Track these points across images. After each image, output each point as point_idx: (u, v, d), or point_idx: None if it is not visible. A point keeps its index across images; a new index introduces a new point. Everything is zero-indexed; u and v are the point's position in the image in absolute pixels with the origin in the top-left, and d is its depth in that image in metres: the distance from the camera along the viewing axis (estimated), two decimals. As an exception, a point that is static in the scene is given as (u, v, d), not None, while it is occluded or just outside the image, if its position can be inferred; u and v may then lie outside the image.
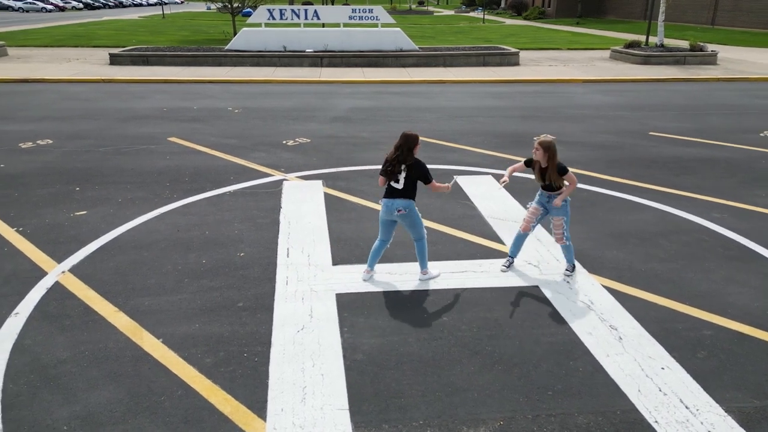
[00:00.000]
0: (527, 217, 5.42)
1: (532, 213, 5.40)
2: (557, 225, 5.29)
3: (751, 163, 9.13)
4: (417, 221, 5.17)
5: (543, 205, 5.34)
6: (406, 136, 4.91)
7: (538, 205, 5.37)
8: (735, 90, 16.33)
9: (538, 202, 5.37)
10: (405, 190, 5.00)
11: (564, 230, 5.28)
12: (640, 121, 12.09)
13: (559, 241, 5.37)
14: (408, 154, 4.90)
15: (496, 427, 3.57)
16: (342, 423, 3.60)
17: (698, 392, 3.87)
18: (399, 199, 5.02)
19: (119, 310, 4.86)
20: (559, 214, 5.26)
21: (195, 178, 8.27)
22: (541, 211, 5.37)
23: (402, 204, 5.03)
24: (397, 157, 4.90)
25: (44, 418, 3.63)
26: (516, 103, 14.26)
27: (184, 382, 3.99)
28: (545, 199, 5.30)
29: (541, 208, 5.36)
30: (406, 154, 4.89)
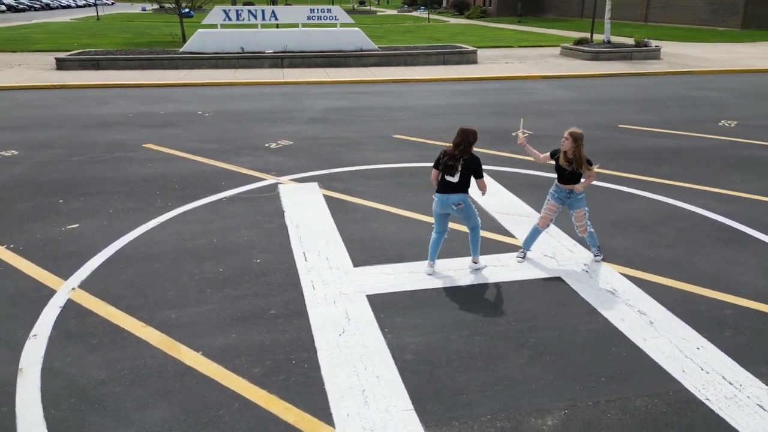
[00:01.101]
0: (545, 214, 5.57)
1: (549, 210, 5.55)
2: (579, 217, 5.46)
3: (719, 151, 9.69)
4: (472, 213, 5.32)
5: (561, 200, 5.49)
6: (465, 132, 5.06)
7: (556, 202, 5.52)
8: (682, 83, 17.24)
9: (556, 199, 5.52)
10: (460, 184, 5.12)
11: (585, 221, 5.47)
12: (606, 115, 12.60)
13: (582, 233, 5.55)
14: (468, 149, 5.06)
15: (562, 415, 3.67)
16: (411, 423, 3.60)
17: (736, 368, 4.09)
18: (455, 193, 5.15)
19: (146, 325, 4.66)
20: (579, 207, 5.44)
21: (185, 185, 8.01)
22: (559, 207, 5.53)
23: (459, 198, 5.15)
24: (460, 152, 5.03)
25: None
26: (484, 100, 14.55)
27: (237, 394, 3.88)
28: (564, 194, 5.46)
29: (559, 205, 5.51)
30: (467, 150, 5.05)
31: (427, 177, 8.23)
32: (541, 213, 5.63)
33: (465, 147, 5.05)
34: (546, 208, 5.58)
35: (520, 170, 8.64)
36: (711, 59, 21.64)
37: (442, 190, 5.21)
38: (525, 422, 3.60)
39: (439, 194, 5.23)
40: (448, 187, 5.16)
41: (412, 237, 6.30)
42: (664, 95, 15.12)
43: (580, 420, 3.62)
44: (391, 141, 10.42)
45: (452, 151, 5.08)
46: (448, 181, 5.14)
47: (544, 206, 5.62)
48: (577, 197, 5.44)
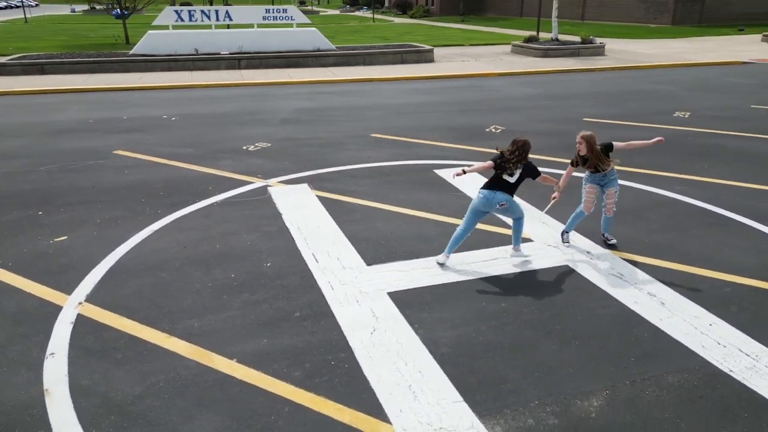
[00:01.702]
0: (587, 198, 5.88)
1: (589, 193, 5.87)
2: (611, 194, 5.82)
3: (681, 140, 10.25)
4: (516, 207, 5.58)
5: (596, 182, 5.82)
6: (522, 144, 5.34)
7: (593, 184, 5.84)
8: (630, 77, 18.08)
9: (591, 182, 5.85)
10: (513, 185, 5.41)
11: (615, 200, 5.85)
12: (570, 109, 13.07)
13: (608, 212, 5.91)
14: (524, 156, 5.35)
15: (604, 396, 3.83)
16: (465, 414, 3.67)
17: (749, 341, 4.38)
18: (501, 193, 5.37)
19: (170, 336, 4.51)
20: (613, 186, 5.79)
21: (170, 191, 7.76)
22: (597, 190, 5.84)
23: (504, 198, 5.39)
24: (516, 157, 5.30)
25: (156, 457, 3.34)
26: (450, 97, 14.78)
27: (284, 398, 3.83)
28: (598, 177, 5.78)
29: (596, 187, 5.84)
30: (524, 156, 5.34)
31: (413, 174, 8.40)
32: (583, 197, 5.92)
33: (522, 154, 5.32)
34: (586, 192, 5.90)
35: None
36: (652, 54, 22.78)
37: (491, 188, 5.42)
38: (572, 405, 3.74)
39: (487, 191, 5.43)
40: (498, 186, 5.39)
41: (417, 233, 6.36)
42: (618, 89, 15.81)
43: (623, 399, 3.79)
44: (370, 140, 10.44)
45: (509, 154, 5.34)
46: (502, 181, 5.38)
47: (583, 191, 5.93)
48: (611, 177, 5.78)
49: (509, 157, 5.33)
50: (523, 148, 5.34)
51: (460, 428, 3.54)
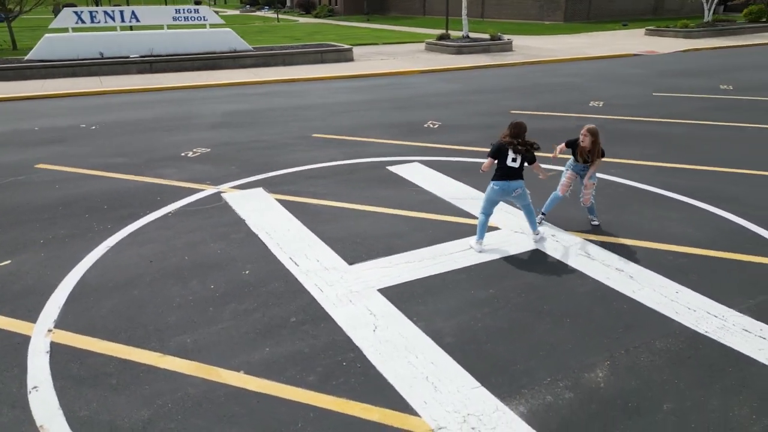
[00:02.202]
0: (565, 182, 6.33)
1: (569, 178, 6.34)
2: (589, 186, 6.25)
3: (603, 126, 10.94)
4: (526, 192, 5.85)
5: (577, 172, 6.31)
6: (518, 126, 5.64)
7: (574, 172, 6.33)
8: (540, 71, 19.15)
9: (574, 170, 6.33)
10: (519, 169, 5.68)
11: (592, 192, 6.31)
12: (495, 103, 13.65)
13: (586, 203, 6.36)
14: (523, 135, 5.61)
15: (606, 366, 4.10)
16: (487, 399, 3.79)
17: (714, 304, 4.86)
18: (515, 180, 5.71)
19: (164, 354, 4.27)
20: (593, 179, 6.27)
21: (115, 204, 7.27)
22: (576, 177, 6.33)
23: (519, 185, 5.75)
24: (518, 143, 5.56)
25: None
26: (380, 95, 14.92)
27: (305, 404, 3.77)
28: (580, 167, 6.27)
29: (576, 175, 6.33)
30: (521, 136, 5.61)
31: (368, 172, 8.44)
32: (562, 181, 6.36)
33: (519, 134, 5.61)
34: (566, 176, 6.36)
35: (449, 158, 9.10)
36: (553, 49, 24.25)
37: (503, 178, 5.70)
38: (581, 377, 3.98)
39: (501, 182, 5.70)
40: (508, 176, 5.68)
41: (389, 230, 6.42)
42: (531, 82, 16.70)
43: (623, 367, 4.08)
44: (313, 140, 10.34)
45: (509, 140, 5.59)
46: (509, 170, 5.63)
47: (564, 175, 6.37)
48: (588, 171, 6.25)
49: (509, 140, 5.60)
50: (520, 128, 5.63)
51: (486, 412, 3.66)
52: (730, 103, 13.04)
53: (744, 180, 7.87)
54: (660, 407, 3.68)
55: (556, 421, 3.59)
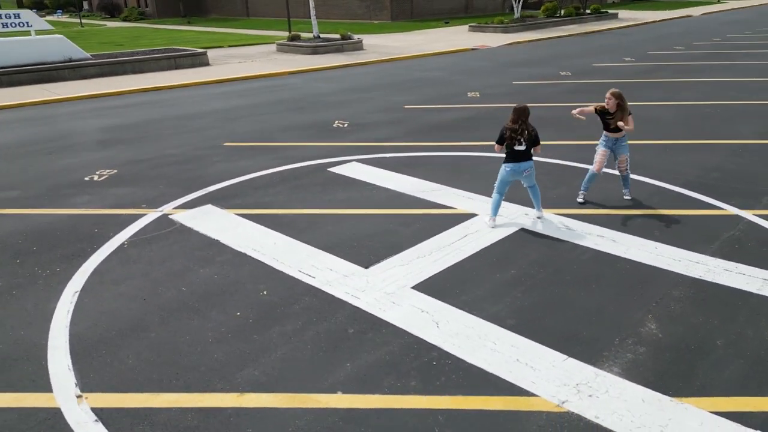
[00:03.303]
0: (599, 159, 6.81)
1: (602, 155, 6.80)
2: (623, 161, 6.83)
3: (492, 114, 11.96)
4: (534, 175, 6.24)
5: (609, 147, 6.77)
6: (521, 110, 6.02)
7: (606, 149, 6.78)
8: (401, 67, 19.93)
9: (605, 146, 6.78)
10: (526, 152, 6.09)
11: (627, 164, 6.88)
12: (383, 99, 13.98)
13: (624, 172, 6.93)
14: (526, 119, 5.97)
15: (651, 318, 4.61)
16: (581, 367, 4.05)
17: (690, 253, 5.66)
18: (524, 161, 6.12)
19: (242, 393, 3.84)
20: (625, 152, 6.82)
21: (44, 244, 6.15)
22: (608, 152, 6.78)
23: (528, 165, 6.17)
24: (520, 126, 5.90)
25: None
26: (265, 98, 14.35)
27: (428, 409, 3.69)
28: (612, 142, 6.74)
29: (608, 151, 6.78)
30: (527, 122, 5.94)
31: (313, 176, 8.22)
32: (596, 159, 6.82)
33: (525, 120, 5.96)
34: (599, 154, 6.82)
35: (381, 155, 9.20)
36: (399, 46, 25.43)
37: (513, 160, 6.13)
38: (641, 332, 4.45)
39: (512, 164, 6.14)
40: (517, 157, 6.12)
41: (376, 229, 6.37)
42: (401, 78, 17.35)
43: (664, 317, 4.64)
44: (229, 150, 9.67)
45: (513, 126, 5.96)
46: (517, 152, 6.02)
47: (597, 153, 6.78)
48: (622, 144, 6.78)
49: (515, 126, 5.97)
50: (524, 112, 6.01)
51: (590, 379, 3.93)
52: (576, 87, 14.95)
53: (643, 148, 9.17)
54: (714, 344, 4.29)
55: (651, 372, 3.99)
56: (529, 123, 6.08)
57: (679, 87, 14.38)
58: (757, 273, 5.28)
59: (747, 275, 5.26)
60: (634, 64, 18.49)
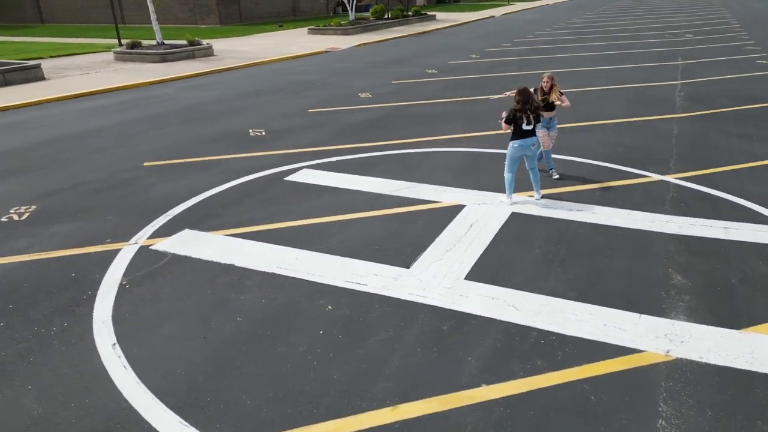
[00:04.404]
0: (544, 140, 7.56)
1: (543, 134, 7.50)
2: (553, 137, 7.73)
3: (397, 113, 12.42)
4: (536, 153, 6.88)
5: (546, 126, 7.52)
6: (524, 92, 6.70)
7: (544, 128, 7.50)
8: (267, 72, 19.29)
9: (542, 126, 7.45)
10: (532, 129, 6.76)
11: (553, 141, 7.78)
12: (280, 103, 13.57)
13: (547, 146, 7.69)
14: (533, 102, 6.56)
15: (671, 271, 5.41)
16: (657, 322, 4.65)
17: (665, 216, 6.65)
18: (530, 138, 6.79)
19: (394, 405, 3.74)
20: (555, 130, 7.73)
21: (26, 301, 5.12)
22: (546, 131, 7.53)
23: (534, 140, 6.91)
24: (527, 107, 6.64)
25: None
26: (151, 111, 12.95)
27: (568, 382, 3.96)
28: (546, 121, 7.50)
29: (546, 130, 7.54)
30: (532, 103, 6.55)
31: (276, 188, 7.90)
32: (541, 140, 7.49)
33: (531, 102, 6.59)
34: (542, 134, 7.48)
35: (325, 159, 9.08)
36: (250, 51, 24.69)
37: (521, 137, 6.77)
38: (675, 284, 5.21)
39: (520, 140, 6.79)
40: (524, 134, 6.76)
41: (386, 231, 6.41)
42: (282, 82, 16.80)
43: (678, 268, 5.48)
44: (156, 170, 8.71)
45: (521, 107, 6.57)
46: (524, 130, 6.60)
47: (538, 133, 7.31)
48: (554, 122, 7.70)
49: (521, 107, 6.58)
50: (527, 93, 6.63)
51: (671, 329, 4.55)
52: (451, 83, 16.09)
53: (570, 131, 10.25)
54: (731, 283, 5.21)
55: (708, 314, 4.74)
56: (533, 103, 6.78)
57: (535, 78, 16.26)
58: (714, 223, 6.46)
59: (709, 226, 6.40)
60: (482, 60, 20.34)
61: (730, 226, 6.36)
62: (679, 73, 16.53)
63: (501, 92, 9.84)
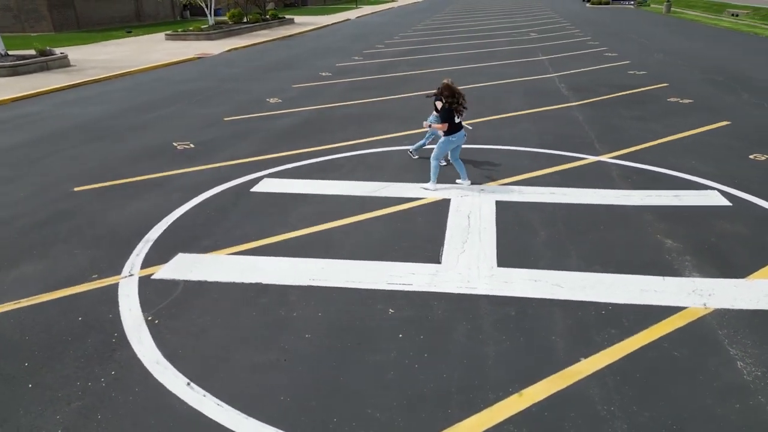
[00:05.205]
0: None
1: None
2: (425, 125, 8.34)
3: (319, 116, 12.27)
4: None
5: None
6: (449, 87, 7.26)
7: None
8: (151, 80, 17.74)
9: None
10: (461, 122, 7.46)
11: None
12: (189, 113, 12.63)
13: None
14: (459, 94, 7.28)
15: (657, 237, 6.14)
16: (681, 281, 5.28)
17: (608, 191, 7.48)
18: (461, 130, 7.50)
19: (519, 393, 3.83)
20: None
21: (44, 354, 4.26)
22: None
23: (464, 132, 7.61)
24: (455, 99, 7.20)
25: None
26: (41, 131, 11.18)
27: (650, 343, 4.36)
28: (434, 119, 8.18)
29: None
30: (459, 95, 7.27)
31: (251, 201, 7.55)
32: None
33: (456, 94, 7.25)
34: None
35: (283, 166, 8.72)
36: (114, 60, 22.50)
37: (456, 130, 7.41)
38: (672, 248, 5.92)
39: (456, 134, 7.43)
40: (458, 127, 7.41)
41: (393, 231, 6.44)
42: (173, 92, 15.56)
43: (666, 233, 6.23)
44: (93, 194, 7.67)
45: (452, 100, 7.22)
46: (458, 124, 7.38)
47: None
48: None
49: (452, 100, 7.15)
50: (451, 88, 7.27)
51: (694, 286, 5.19)
52: (354, 85, 16.16)
53: (478, 127, 10.89)
54: (715, 241, 6.05)
55: (714, 269, 5.48)
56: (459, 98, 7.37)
57: (430, 77, 17.01)
58: (664, 193, 7.41)
59: (663, 196, 7.33)
60: (369, 62, 20.73)
61: (679, 194, 7.36)
62: (549, 67, 18.34)
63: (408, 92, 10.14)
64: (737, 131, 10.30)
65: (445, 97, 7.21)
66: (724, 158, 8.75)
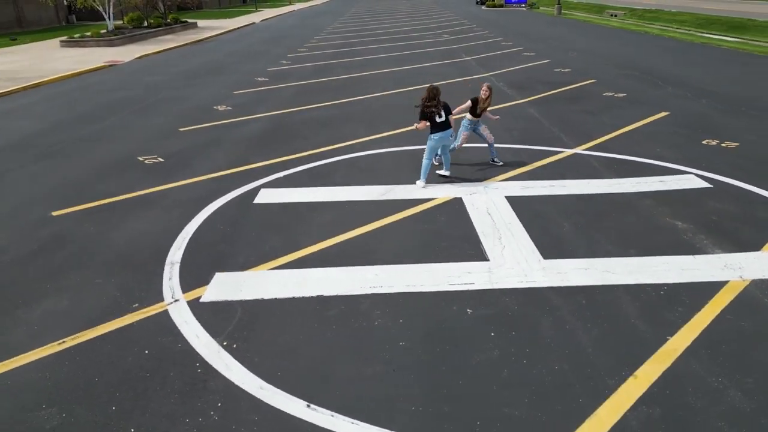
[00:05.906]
0: (465, 138, 8.52)
1: (466, 137, 8.46)
2: (485, 129, 8.55)
3: (283, 121, 11.91)
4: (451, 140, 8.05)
5: (473, 129, 8.39)
6: (433, 89, 7.51)
7: (469, 132, 8.41)
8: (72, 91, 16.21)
9: (468, 129, 8.40)
10: (446, 121, 7.62)
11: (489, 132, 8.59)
12: (139, 125, 11.74)
13: (490, 139, 8.54)
14: (439, 98, 7.53)
15: (666, 219, 6.63)
16: (710, 258, 5.73)
17: (600, 180, 7.97)
18: (447, 129, 7.65)
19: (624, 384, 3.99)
20: (485, 123, 8.54)
21: (131, 395, 3.81)
22: (470, 133, 8.46)
23: (450, 131, 7.77)
24: (437, 102, 7.46)
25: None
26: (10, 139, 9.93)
27: (712, 317, 4.73)
28: (474, 124, 8.39)
29: (470, 133, 8.42)
30: (439, 98, 7.50)
31: (257, 213, 7.17)
32: (460, 139, 8.47)
33: (437, 97, 7.50)
34: (465, 136, 8.47)
35: (275, 175, 8.38)
36: (8, 71, 20.38)
37: (439, 129, 7.60)
38: (685, 229, 6.42)
39: (440, 132, 7.62)
40: (441, 127, 7.59)
41: (420, 234, 6.44)
42: (99, 105, 14.33)
43: (674, 216, 6.73)
44: (81, 219, 6.93)
45: (430, 102, 7.44)
46: (439, 122, 7.54)
47: (461, 134, 8.39)
48: (479, 126, 8.45)
49: (432, 103, 7.35)
50: (434, 91, 7.49)
51: (724, 261, 5.67)
52: (298, 89, 15.79)
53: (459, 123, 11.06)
54: (717, 220, 6.62)
55: (732, 245, 6.00)
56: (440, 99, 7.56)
57: (373, 79, 17.05)
58: (649, 179, 8.00)
59: (649, 182, 7.92)
60: (301, 66, 20.35)
61: (663, 179, 7.98)
62: (479, 67, 19.05)
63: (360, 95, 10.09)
64: (679, 120, 11.32)
65: (423, 99, 7.54)
66: (682, 145, 9.60)
